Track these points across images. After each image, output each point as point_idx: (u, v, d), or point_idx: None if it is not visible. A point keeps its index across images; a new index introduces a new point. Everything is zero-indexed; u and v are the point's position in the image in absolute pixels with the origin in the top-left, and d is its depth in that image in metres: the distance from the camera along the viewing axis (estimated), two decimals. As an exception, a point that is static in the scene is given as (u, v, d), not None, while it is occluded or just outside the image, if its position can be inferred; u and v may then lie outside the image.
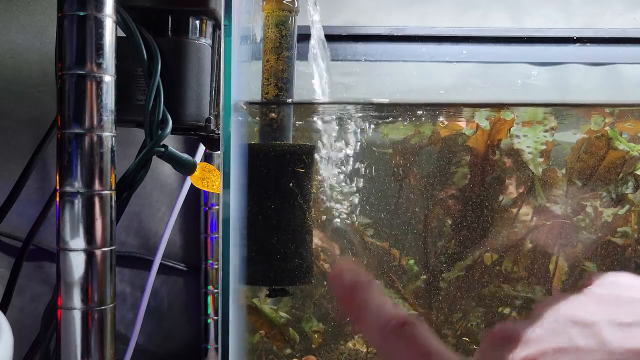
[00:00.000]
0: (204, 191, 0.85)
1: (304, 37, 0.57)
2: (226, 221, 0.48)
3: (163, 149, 0.52)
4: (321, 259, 0.68)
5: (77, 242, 0.45)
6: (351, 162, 0.65)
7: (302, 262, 0.52)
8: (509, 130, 0.65)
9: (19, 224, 0.71)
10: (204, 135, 0.60)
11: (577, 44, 0.68)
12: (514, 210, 0.68)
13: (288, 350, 0.68)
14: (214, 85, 0.58)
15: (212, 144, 0.62)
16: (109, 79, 0.46)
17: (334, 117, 0.64)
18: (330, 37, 0.59)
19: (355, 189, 0.66)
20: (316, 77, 0.57)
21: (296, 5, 0.54)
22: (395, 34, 0.68)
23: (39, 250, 0.73)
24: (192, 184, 0.64)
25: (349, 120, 0.65)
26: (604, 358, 0.22)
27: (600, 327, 0.24)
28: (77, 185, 0.45)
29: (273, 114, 0.55)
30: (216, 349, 0.86)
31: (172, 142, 0.79)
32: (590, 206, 0.67)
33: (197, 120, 0.57)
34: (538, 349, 0.24)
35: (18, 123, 0.72)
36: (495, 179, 0.67)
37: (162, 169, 0.83)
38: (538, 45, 0.69)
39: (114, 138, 0.47)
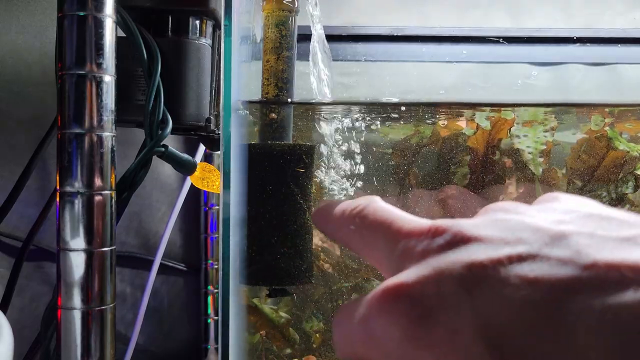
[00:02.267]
0: (204, 191, 0.85)
1: (304, 37, 0.57)
2: (226, 221, 0.48)
3: (163, 149, 0.52)
4: (321, 259, 0.68)
5: (77, 242, 0.45)
6: (351, 162, 0.65)
7: (302, 262, 0.52)
8: (510, 130, 0.65)
9: (19, 224, 0.71)
10: (204, 135, 0.60)
11: (577, 44, 0.68)
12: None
13: (288, 350, 0.68)
14: (214, 85, 0.58)
15: (212, 144, 0.62)
16: (109, 79, 0.46)
17: (334, 117, 0.64)
18: (330, 37, 0.59)
19: (355, 188, 0.66)
20: (316, 79, 0.57)
21: (296, 5, 0.54)
22: (396, 34, 0.68)
23: (39, 250, 0.73)
24: (192, 184, 0.64)
25: (349, 120, 0.65)
26: (578, 273, 0.16)
27: (572, 237, 0.17)
28: (77, 185, 0.45)
29: (273, 114, 0.55)
30: (216, 349, 0.86)
31: (172, 142, 0.79)
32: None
33: (197, 120, 0.57)
34: (489, 255, 0.17)
35: (18, 123, 0.72)
36: (495, 179, 0.67)
37: (162, 169, 0.83)
38: (538, 45, 0.69)
39: (114, 138, 0.47)
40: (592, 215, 0.19)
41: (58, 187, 0.45)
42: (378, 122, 0.67)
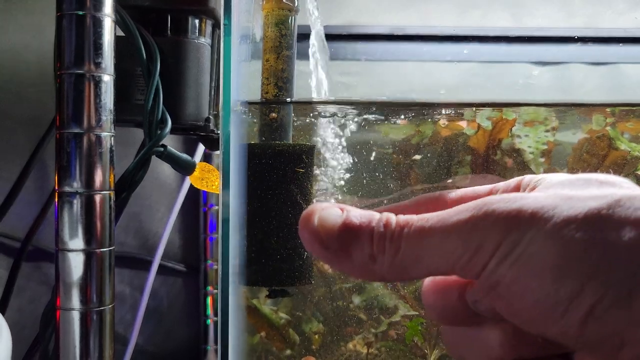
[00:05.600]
0: (203, 191, 0.85)
1: (304, 36, 0.57)
2: (225, 221, 0.48)
3: (162, 149, 0.52)
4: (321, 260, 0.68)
5: (76, 243, 0.45)
6: (351, 162, 0.65)
7: (302, 263, 0.52)
8: (511, 129, 0.65)
9: (17, 225, 0.70)
10: (203, 135, 0.60)
11: (579, 44, 0.67)
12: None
13: (288, 352, 0.68)
14: (213, 84, 0.58)
15: (212, 143, 0.62)
16: (107, 78, 0.46)
17: (334, 116, 0.64)
18: (330, 37, 0.59)
19: (355, 189, 0.66)
20: (315, 77, 0.57)
21: (296, 5, 0.54)
22: (396, 34, 0.68)
23: (38, 250, 0.73)
24: (191, 184, 0.64)
25: (349, 120, 0.65)
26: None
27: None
28: (76, 185, 0.45)
29: (273, 114, 0.54)
30: (216, 350, 0.86)
31: (171, 142, 0.79)
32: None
33: (197, 119, 0.56)
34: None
35: (17, 123, 0.72)
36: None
37: (161, 169, 0.83)
38: (539, 45, 0.69)
39: (113, 138, 0.47)
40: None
41: (57, 188, 0.45)
42: (378, 122, 0.66)
